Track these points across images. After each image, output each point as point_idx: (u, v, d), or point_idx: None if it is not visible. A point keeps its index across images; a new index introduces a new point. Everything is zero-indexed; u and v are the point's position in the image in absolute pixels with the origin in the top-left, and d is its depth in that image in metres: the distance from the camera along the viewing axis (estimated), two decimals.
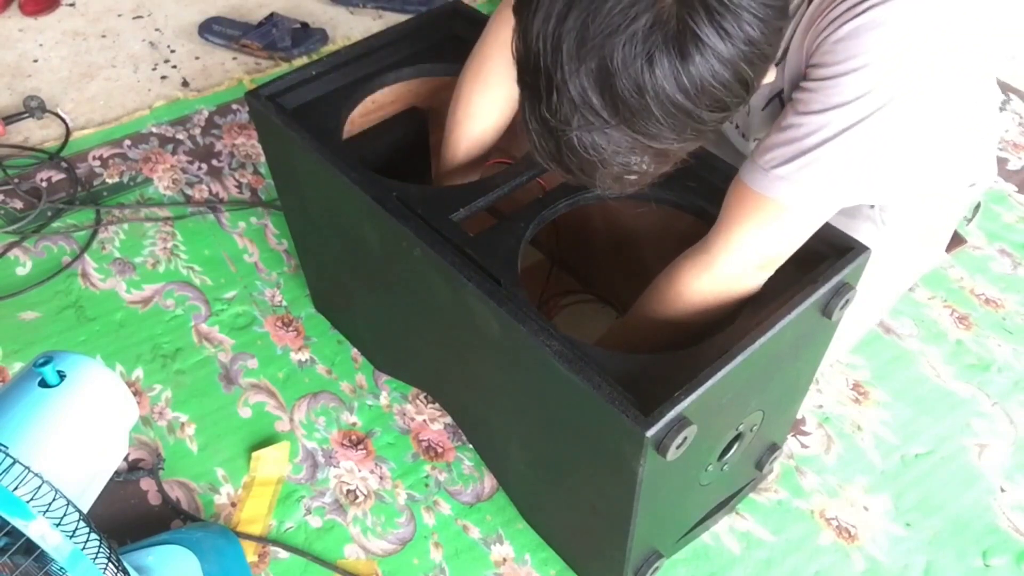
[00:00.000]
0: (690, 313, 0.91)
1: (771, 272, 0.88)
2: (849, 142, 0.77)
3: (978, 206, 1.14)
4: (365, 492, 1.16)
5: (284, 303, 1.39)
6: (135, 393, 1.25)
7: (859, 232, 1.00)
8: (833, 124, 0.76)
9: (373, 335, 1.26)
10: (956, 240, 1.17)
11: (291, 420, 1.23)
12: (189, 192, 1.57)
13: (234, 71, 1.85)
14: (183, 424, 1.23)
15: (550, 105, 0.66)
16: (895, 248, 1.07)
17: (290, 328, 1.35)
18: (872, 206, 1.06)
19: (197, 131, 1.70)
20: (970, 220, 1.15)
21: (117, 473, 1.14)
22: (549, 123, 0.67)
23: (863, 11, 0.72)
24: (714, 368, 0.76)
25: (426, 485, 1.17)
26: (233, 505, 1.14)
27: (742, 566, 1.09)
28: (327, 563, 1.08)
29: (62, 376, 0.78)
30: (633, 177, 0.71)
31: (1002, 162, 1.65)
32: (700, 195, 0.95)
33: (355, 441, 1.21)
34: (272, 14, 1.91)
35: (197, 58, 1.89)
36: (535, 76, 0.66)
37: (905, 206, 1.05)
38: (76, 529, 0.66)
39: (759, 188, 0.81)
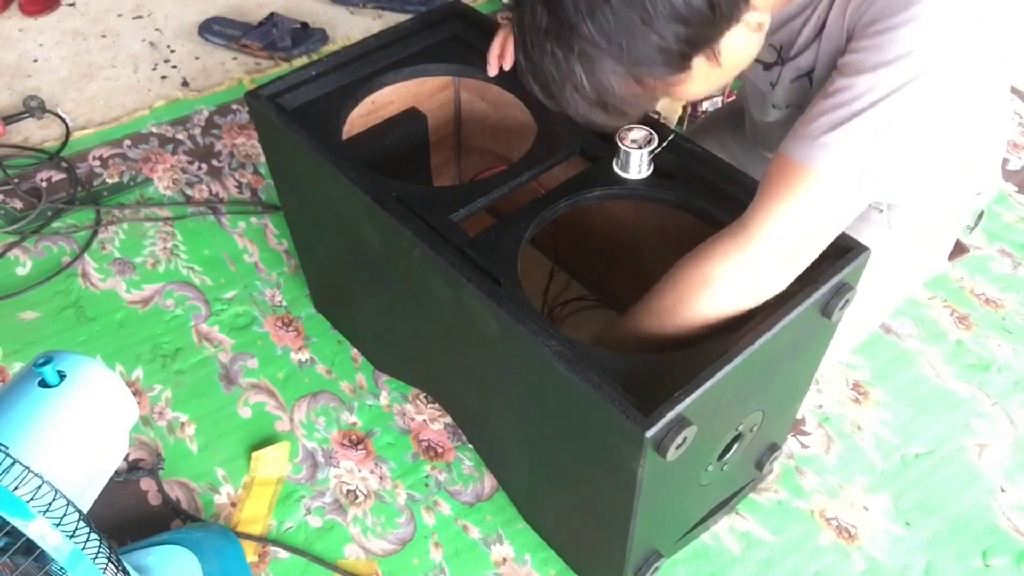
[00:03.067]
0: (713, 303, 0.86)
1: (800, 268, 0.84)
2: (899, 104, 0.75)
3: (981, 214, 1.14)
4: (365, 492, 1.16)
5: (284, 303, 1.39)
6: (135, 393, 1.25)
7: (867, 234, 0.99)
8: (884, 84, 0.75)
9: (373, 335, 1.26)
10: (959, 249, 1.17)
11: (291, 420, 1.23)
12: (189, 192, 1.57)
13: (234, 71, 1.85)
14: (183, 424, 1.23)
15: (533, 17, 0.71)
16: (903, 253, 1.07)
17: (290, 328, 1.35)
18: (881, 210, 1.06)
19: (197, 131, 1.70)
20: (972, 229, 1.15)
21: (117, 473, 1.14)
22: (527, 36, 0.71)
23: None
24: (714, 368, 0.76)
25: (426, 485, 1.17)
26: (233, 505, 1.14)
27: (742, 566, 1.09)
28: (327, 563, 1.08)
29: (62, 376, 0.78)
30: (606, 105, 0.73)
31: (1002, 162, 1.65)
32: (700, 195, 0.95)
33: (355, 441, 1.21)
34: (272, 14, 1.91)
35: (197, 58, 1.89)
36: None
37: (914, 210, 1.05)
38: (76, 529, 0.66)
39: (801, 158, 0.79)
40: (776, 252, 0.83)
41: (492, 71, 1.09)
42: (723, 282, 0.84)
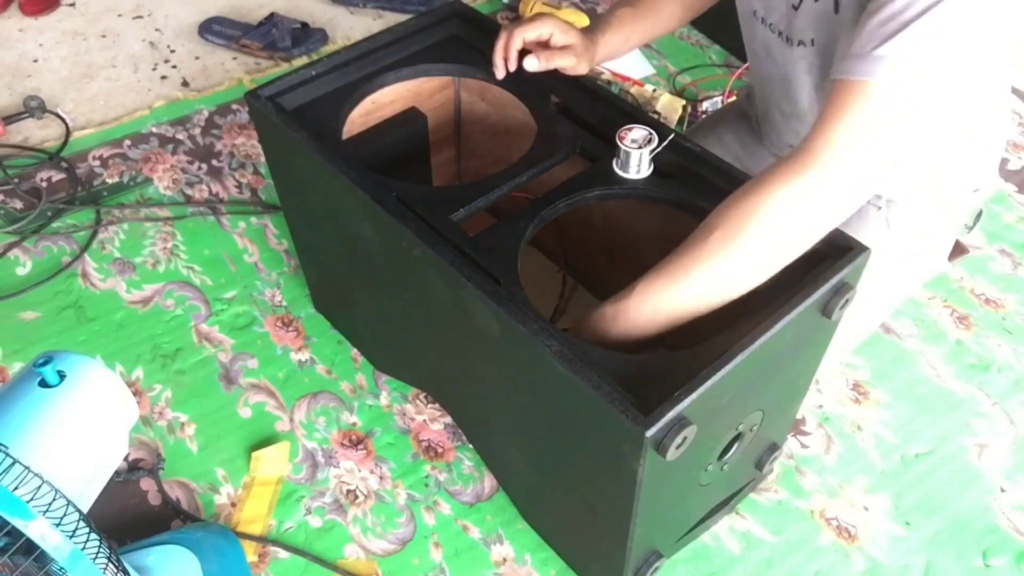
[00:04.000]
0: (768, 234, 0.80)
1: (865, 190, 0.81)
2: (947, 10, 0.74)
3: (979, 214, 1.14)
4: (365, 492, 1.16)
5: (284, 303, 1.39)
6: (135, 393, 1.25)
7: (866, 233, 0.99)
8: (918, 3, 0.75)
9: (373, 335, 1.26)
10: (958, 249, 1.17)
11: (291, 420, 1.23)
12: (189, 192, 1.57)
13: (234, 71, 1.85)
14: (183, 424, 1.23)
15: None
16: (902, 251, 1.07)
17: (290, 328, 1.35)
18: (879, 207, 1.06)
19: (197, 131, 1.70)
20: (971, 228, 1.15)
21: (117, 473, 1.14)
22: None
23: None
24: (714, 368, 0.76)
25: (426, 485, 1.17)
26: (233, 505, 1.14)
27: (742, 566, 1.09)
28: (327, 563, 1.08)
29: (62, 376, 0.78)
30: None
31: (1002, 162, 1.65)
32: (700, 195, 0.95)
33: (355, 441, 1.21)
34: (272, 14, 1.92)
35: (197, 58, 1.89)
36: None
37: (912, 207, 1.05)
38: (76, 529, 0.66)
39: (859, 75, 0.77)
40: (841, 174, 0.79)
41: (500, 74, 1.09)
42: (780, 208, 0.80)
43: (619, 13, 1.12)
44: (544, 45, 1.08)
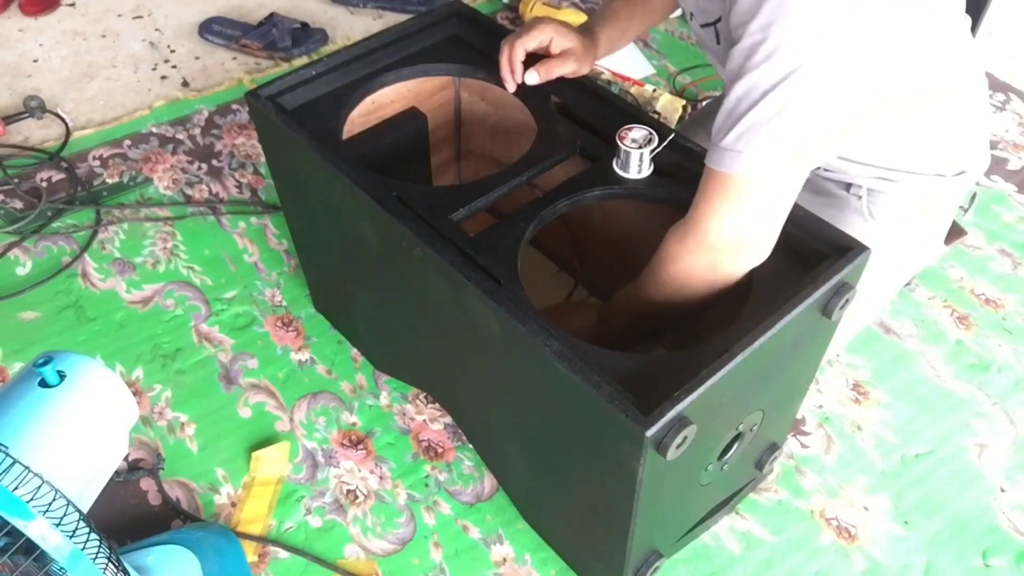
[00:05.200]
0: (673, 285, 0.92)
1: (754, 256, 0.88)
2: (777, 101, 0.78)
3: (974, 196, 1.14)
4: (365, 492, 1.16)
5: (284, 303, 1.39)
6: (135, 393, 1.25)
7: (848, 226, 1.00)
8: (759, 85, 0.78)
9: (373, 335, 1.26)
10: (955, 231, 1.17)
11: (291, 420, 1.23)
12: (189, 192, 1.57)
13: (234, 71, 1.85)
14: (183, 424, 1.23)
15: None
16: (887, 242, 1.07)
17: (290, 328, 1.35)
18: (859, 197, 1.06)
19: (197, 131, 1.70)
20: (966, 210, 1.15)
21: (117, 473, 1.14)
22: None
23: None
24: (714, 368, 0.76)
25: (426, 485, 1.17)
26: (233, 505, 1.14)
27: (742, 566, 1.09)
28: (327, 563, 1.08)
29: (62, 376, 0.78)
30: None
31: (1002, 162, 1.65)
32: None
33: (355, 441, 1.21)
34: (272, 14, 1.92)
35: (197, 58, 1.89)
36: None
37: (894, 196, 1.05)
38: (76, 529, 0.66)
39: (714, 164, 0.84)
40: (716, 246, 0.87)
41: (511, 88, 1.10)
42: (675, 265, 0.91)
43: (614, 6, 1.14)
44: (545, 50, 1.09)
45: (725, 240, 0.86)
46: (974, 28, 1.72)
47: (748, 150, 0.81)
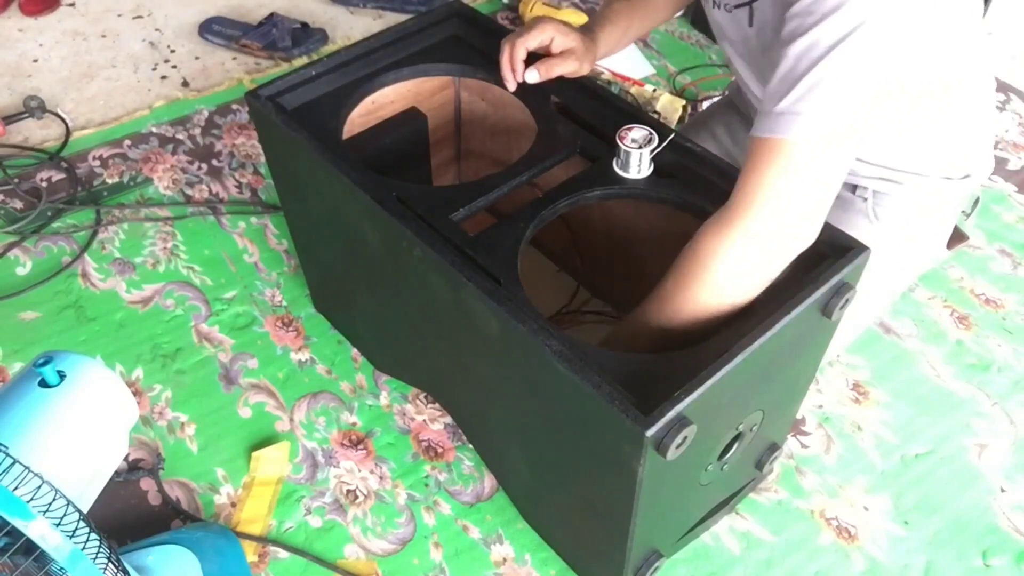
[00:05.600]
0: (712, 286, 0.85)
1: (805, 238, 0.84)
2: (840, 58, 0.76)
3: (977, 200, 1.14)
4: (365, 492, 1.16)
5: (284, 303, 1.39)
6: (135, 393, 1.25)
7: (852, 227, 0.99)
8: (820, 43, 0.76)
9: (373, 335, 1.26)
10: (957, 236, 1.16)
11: (291, 420, 1.23)
12: (189, 192, 1.57)
13: (234, 71, 1.85)
14: (183, 424, 1.23)
15: None
16: (891, 244, 1.07)
17: (290, 328, 1.35)
18: (865, 199, 1.05)
19: (197, 131, 1.70)
20: (968, 214, 1.15)
21: (117, 473, 1.14)
22: None
23: None
24: (714, 368, 0.76)
25: (426, 485, 1.17)
26: (233, 505, 1.14)
27: (742, 566, 1.09)
28: (327, 563, 1.08)
29: (62, 376, 0.78)
30: None
31: (1002, 162, 1.65)
32: (700, 195, 0.95)
33: (355, 441, 1.21)
34: (272, 14, 1.92)
35: (197, 58, 1.89)
36: None
37: (899, 199, 1.05)
38: (76, 529, 0.66)
39: (767, 132, 0.80)
40: (766, 230, 0.83)
41: (512, 87, 1.09)
42: (719, 263, 0.84)
43: (615, 7, 1.14)
44: (545, 50, 1.08)
45: (774, 221, 0.82)
46: None
47: (808, 111, 0.77)
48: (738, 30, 0.96)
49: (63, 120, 1.71)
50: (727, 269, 0.84)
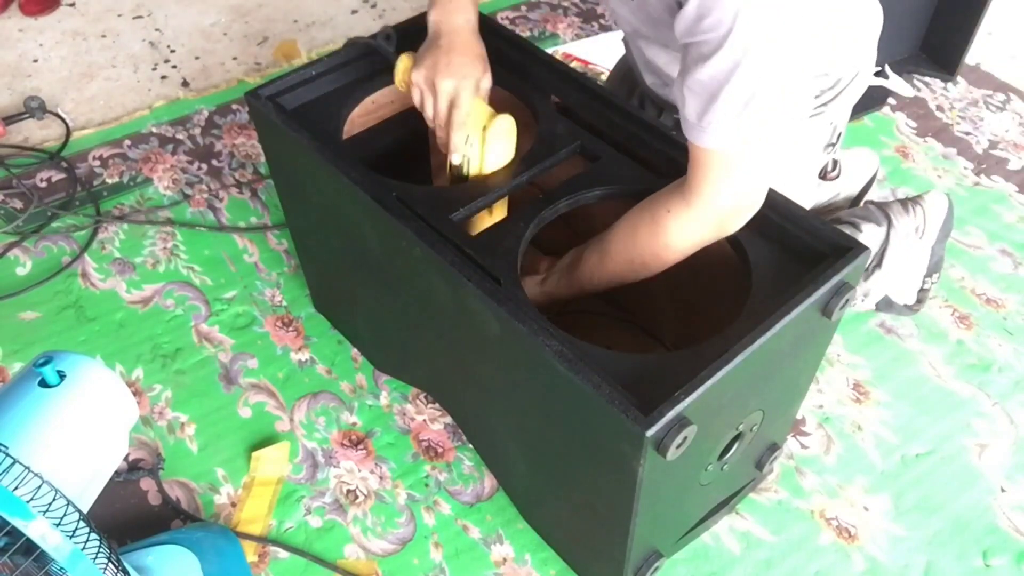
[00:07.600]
0: (669, 248, 0.92)
1: (754, 208, 0.89)
2: (746, 75, 0.78)
3: (839, 135, 1.17)
4: (365, 492, 1.16)
5: (284, 303, 1.39)
6: (135, 393, 1.25)
7: None
8: (723, 63, 0.78)
9: (373, 335, 1.26)
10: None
11: (291, 420, 1.23)
12: (189, 192, 1.57)
13: (234, 71, 1.86)
14: (183, 424, 1.23)
15: None
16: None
17: (290, 328, 1.35)
18: None
19: (197, 131, 1.70)
20: (834, 146, 1.17)
21: (117, 473, 1.14)
22: None
23: None
24: (714, 368, 0.76)
25: (426, 485, 1.17)
26: (233, 505, 1.14)
27: (742, 566, 1.09)
28: (327, 563, 1.08)
29: (62, 376, 0.78)
30: None
31: (1002, 162, 1.65)
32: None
33: (355, 441, 1.21)
34: None
35: (197, 58, 1.89)
36: None
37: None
38: (76, 529, 0.66)
39: (699, 142, 0.84)
40: (718, 216, 0.89)
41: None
42: (678, 241, 0.91)
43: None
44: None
45: (726, 209, 0.88)
46: (974, 28, 1.72)
47: (728, 121, 0.81)
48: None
49: (63, 120, 1.71)
50: (689, 241, 0.91)
